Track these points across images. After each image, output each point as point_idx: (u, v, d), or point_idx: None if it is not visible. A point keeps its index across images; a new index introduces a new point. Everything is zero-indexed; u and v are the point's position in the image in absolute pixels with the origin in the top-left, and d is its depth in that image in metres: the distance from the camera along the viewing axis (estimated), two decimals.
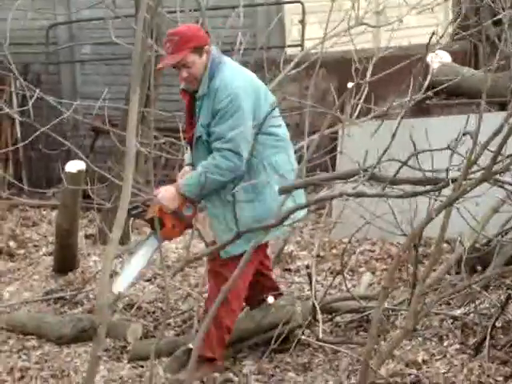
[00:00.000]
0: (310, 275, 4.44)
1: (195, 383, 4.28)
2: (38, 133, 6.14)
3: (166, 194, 4.35)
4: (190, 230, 4.54)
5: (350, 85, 4.96)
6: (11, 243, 7.04)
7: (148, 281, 6.17)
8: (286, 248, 6.27)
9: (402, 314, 4.84)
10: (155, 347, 4.15)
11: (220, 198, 4.38)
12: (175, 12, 5.74)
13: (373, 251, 6.38)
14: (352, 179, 3.59)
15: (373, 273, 5.89)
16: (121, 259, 4.50)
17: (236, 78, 4.35)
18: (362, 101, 5.96)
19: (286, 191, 4.13)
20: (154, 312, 5.47)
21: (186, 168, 4.60)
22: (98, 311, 2.58)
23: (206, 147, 4.38)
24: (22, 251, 6.96)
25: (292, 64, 6.09)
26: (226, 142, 4.26)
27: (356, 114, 6.09)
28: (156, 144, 6.32)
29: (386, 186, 3.35)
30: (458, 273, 4.85)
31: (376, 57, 5.84)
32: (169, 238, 4.57)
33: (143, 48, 2.64)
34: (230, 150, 4.25)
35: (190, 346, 4.48)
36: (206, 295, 5.49)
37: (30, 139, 6.95)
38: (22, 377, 4.67)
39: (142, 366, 4.66)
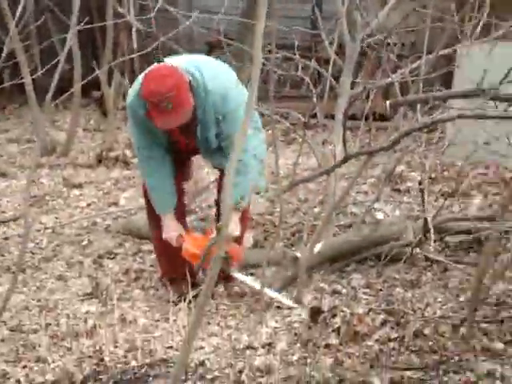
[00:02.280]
0: (422, 191, 4.42)
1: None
2: (156, 43, 6.24)
3: (234, 226, 4.24)
4: None
5: None
6: (127, 152, 7.23)
7: (257, 194, 6.28)
8: (395, 168, 6.26)
9: None
10: (265, 256, 4.29)
11: None
12: None
13: (485, 175, 6.31)
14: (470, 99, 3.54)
15: (485, 196, 5.84)
16: None
17: (214, 77, 4.16)
18: (481, 21, 5.82)
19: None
20: (263, 224, 5.57)
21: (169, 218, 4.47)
22: (222, 217, 2.66)
23: (221, 152, 4.33)
24: (136, 160, 7.12)
25: None
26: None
27: (475, 34, 5.95)
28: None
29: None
30: None
31: None
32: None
33: None
34: (248, 140, 4.14)
35: (298, 255, 4.59)
36: (315, 209, 5.60)
37: (146, 50, 7.06)
38: (137, 278, 4.85)
39: (252, 274, 4.79)
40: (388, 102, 3.70)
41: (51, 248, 5.37)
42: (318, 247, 4.66)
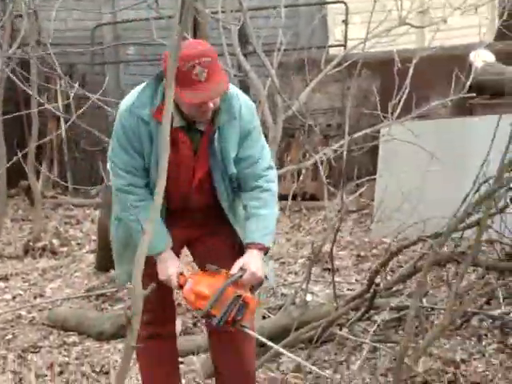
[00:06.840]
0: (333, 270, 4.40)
1: None
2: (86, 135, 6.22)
3: (259, 265, 3.41)
4: None
5: None
6: (55, 241, 7.13)
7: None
8: (324, 247, 6.26)
9: (441, 314, 4.80)
10: (195, 343, 4.21)
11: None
12: (217, 12, 5.70)
13: (414, 251, 6.32)
14: None
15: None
16: None
17: (240, 92, 3.60)
18: (403, 101, 5.93)
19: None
20: None
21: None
22: (132, 303, 2.60)
23: (229, 182, 3.55)
24: (64, 249, 7.05)
25: (333, 63, 6.06)
26: (267, 163, 3.55)
27: (397, 113, 6.06)
28: None
29: None
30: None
31: (417, 57, 5.77)
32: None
33: (179, 45, 2.65)
34: (272, 169, 3.59)
35: None
36: None
37: (73, 137, 7.05)
38: (62, 372, 4.72)
39: (182, 363, 4.68)
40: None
41: None
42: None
